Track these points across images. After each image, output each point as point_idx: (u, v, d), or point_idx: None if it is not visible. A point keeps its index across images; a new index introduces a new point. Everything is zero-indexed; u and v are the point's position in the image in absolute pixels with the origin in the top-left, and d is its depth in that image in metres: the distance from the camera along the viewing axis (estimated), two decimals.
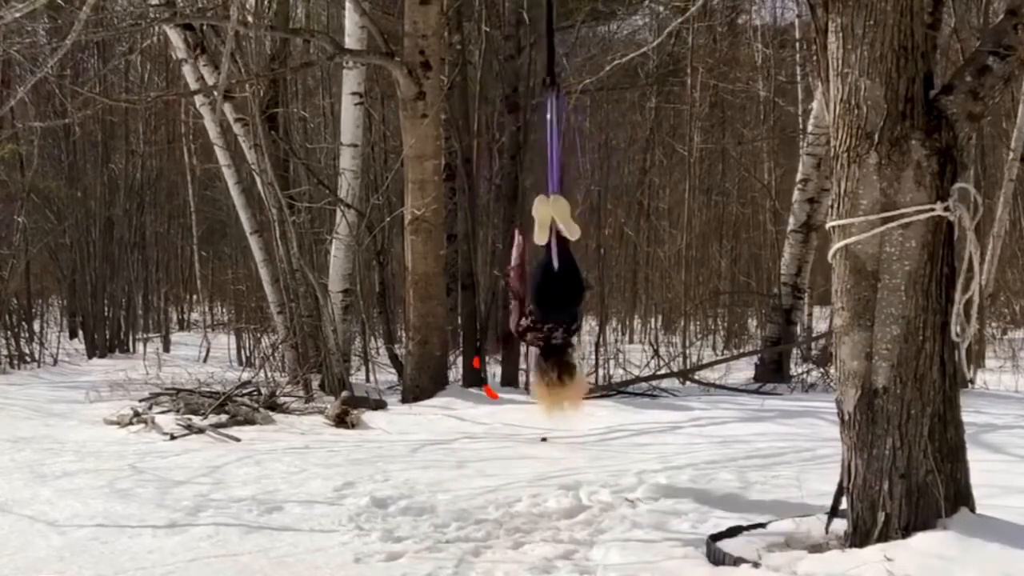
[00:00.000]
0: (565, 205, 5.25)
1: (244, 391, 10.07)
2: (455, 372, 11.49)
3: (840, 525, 4.62)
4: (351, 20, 11.18)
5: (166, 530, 5.34)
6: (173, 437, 8.27)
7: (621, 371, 12.01)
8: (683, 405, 9.67)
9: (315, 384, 10.74)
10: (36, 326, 16.12)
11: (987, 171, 14.84)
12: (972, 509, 4.36)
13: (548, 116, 5.41)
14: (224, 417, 9.04)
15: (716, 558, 4.63)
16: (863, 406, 4.35)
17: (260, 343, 14.06)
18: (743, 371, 12.55)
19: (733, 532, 4.94)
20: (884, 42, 4.24)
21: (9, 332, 14.86)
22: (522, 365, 11.78)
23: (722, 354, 15.41)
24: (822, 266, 14.96)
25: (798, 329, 13.30)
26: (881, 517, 4.29)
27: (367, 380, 11.63)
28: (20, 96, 11.38)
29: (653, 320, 19.04)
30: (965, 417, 4.48)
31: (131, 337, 17.42)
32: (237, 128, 11.52)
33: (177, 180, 19.67)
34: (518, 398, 10.34)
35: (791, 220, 12.29)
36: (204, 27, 11.31)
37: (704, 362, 13.18)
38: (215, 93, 10.46)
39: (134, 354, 16.25)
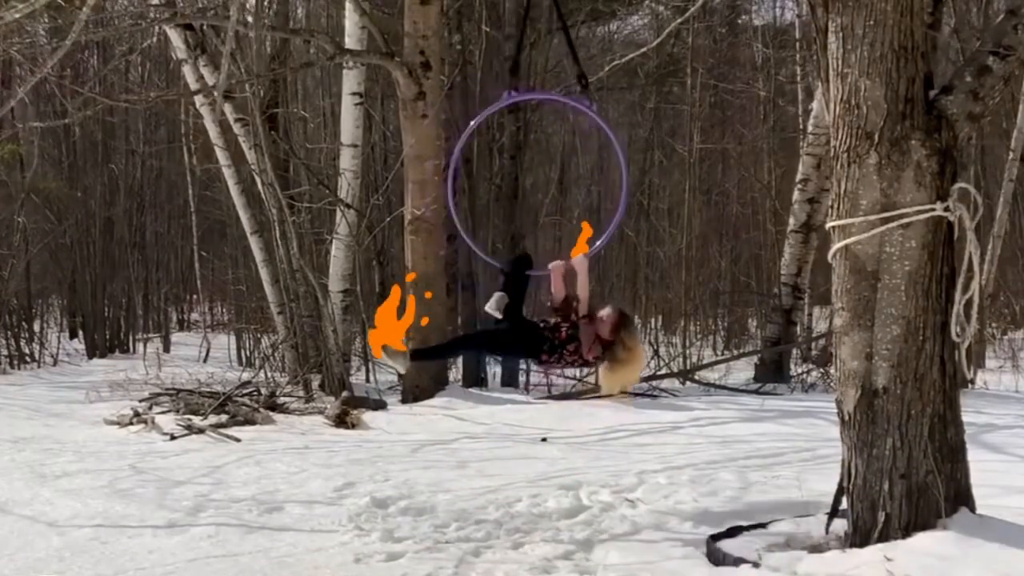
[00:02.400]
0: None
1: (244, 391, 10.06)
2: (455, 372, 11.49)
3: (840, 525, 4.62)
4: (351, 20, 11.19)
5: (166, 530, 5.33)
6: (173, 437, 8.26)
7: None
8: (683, 405, 9.67)
9: (315, 384, 10.73)
10: (36, 326, 16.11)
11: (987, 171, 14.84)
12: (972, 509, 4.36)
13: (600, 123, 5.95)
14: (224, 417, 9.03)
15: (716, 558, 4.63)
16: (863, 406, 4.35)
17: (260, 343, 14.06)
18: (743, 371, 12.56)
19: (733, 532, 4.95)
20: (884, 42, 4.24)
21: (9, 332, 14.85)
22: (522, 365, 11.78)
23: (722, 354, 15.42)
24: (822, 266, 14.95)
25: (798, 329, 13.31)
26: (881, 517, 4.29)
27: (367, 380, 11.63)
28: (20, 96, 11.38)
29: (653, 320, 19.03)
30: (965, 417, 4.48)
31: (131, 337, 17.42)
32: (237, 128, 11.52)
33: (177, 180, 19.65)
34: (518, 398, 10.36)
35: (791, 220, 12.29)
36: (204, 27, 11.31)
37: (704, 362, 13.19)
38: (215, 93, 10.46)
39: (134, 354, 16.24)
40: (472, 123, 6.06)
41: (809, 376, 11.76)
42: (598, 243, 6.08)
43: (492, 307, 5.51)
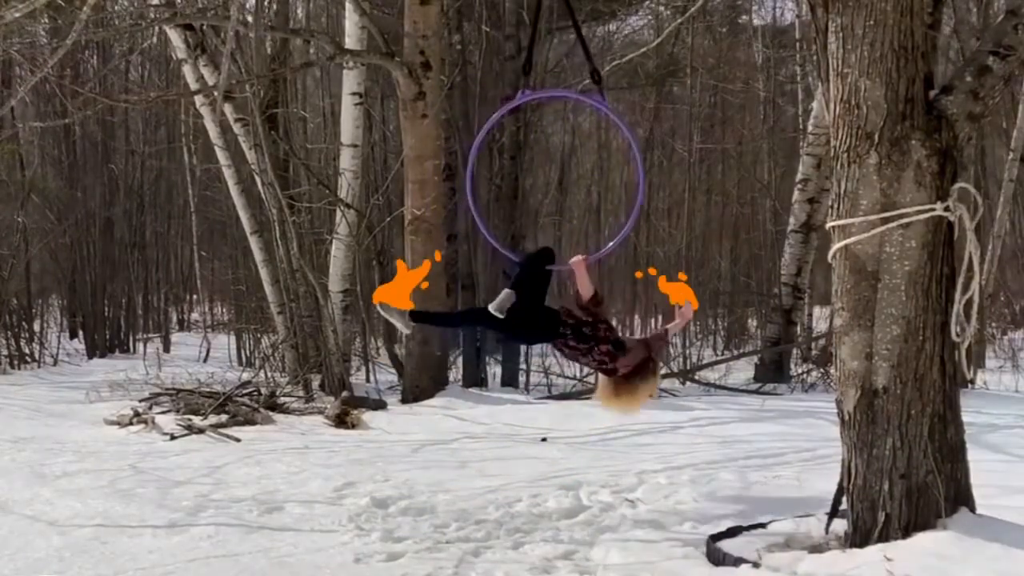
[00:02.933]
0: None
1: (244, 391, 10.06)
2: (455, 372, 11.49)
3: (840, 525, 4.63)
4: (351, 20, 11.18)
5: (166, 530, 5.34)
6: (173, 437, 8.27)
7: None
8: (683, 405, 9.67)
9: (315, 384, 10.73)
10: (36, 326, 16.09)
11: (987, 171, 14.83)
12: (972, 509, 4.36)
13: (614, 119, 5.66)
14: (224, 417, 9.04)
15: (716, 558, 4.63)
16: (863, 406, 4.35)
17: (260, 343, 14.04)
18: (743, 371, 12.55)
19: (733, 532, 4.95)
20: (884, 42, 4.24)
21: (9, 332, 14.84)
22: (522, 365, 11.78)
23: (722, 354, 15.40)
24: (822, 266, 14.92)
25: (798, 329, 13.31)
26: (881, 517, 4.29)
27: (367, 380, 11.62)
28: (20, 96, 11.37)
29: (653, 320, 19.02)
30: (965, 417, 4.48)
31: (131, 337, 17.40)
32: (237, 128, 11.51)
33: (177, 180, 19.64)
34: (518, 398, 10.36)
35: (791, 220, 12.29)
36: (204, 27, 11.30)
37: (704, 362, 13.17)
38: (215, 93, 10.45)
39: (134, 354, 16.23)
40: (487, 123, 5.95)
41: (809, 376, 11.75)
42: (613, 242, 6.01)
43: (495, 307, 5.15)
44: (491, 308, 5.17)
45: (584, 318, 5.19)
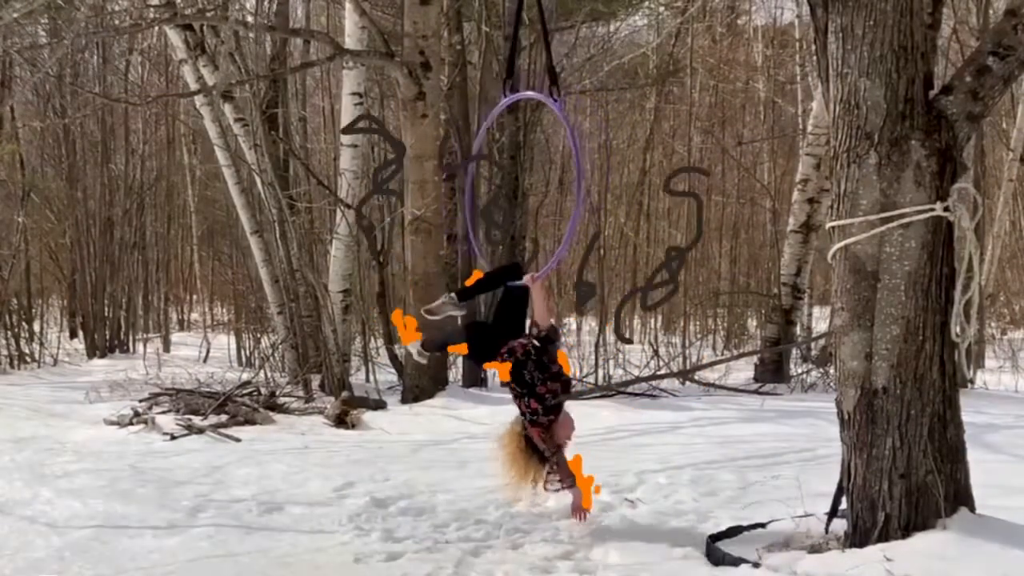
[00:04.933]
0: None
1: (244, 391, 10.06)
2: (455, 372, 11.48)
3: (840, 525, 4.63)
4: (351, 20, 11.18)
5: (166, 530, 5.34)
6: (173, 437, 8.27)
7: (621, 371, 12.01)
8: (683, 405, 9.67)
9: (315, 384, 10.74)
10: (36, 326, 16.10)
11: (987, 171, 14.84)
12: (972, 509, 4.36)
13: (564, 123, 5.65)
14: (224, 417, 9.04)
15: (716, 558, 4.63)
16: (863, 406, 4.35)
17: (260, 343, 14.05)
18: (743, 371, 12.54)
19: (733, 532, 4.95)
20: (884, 42, 4.25)
21: (9, 332, 14.85)
22: None
23: (722, 354, 15.39)
24: (822, 266, 14.94)
25: (798, 329, 13.30)
26: (881, 517, 4.30)
27: (367, 380, 11.62)
28: (19, 94, 11.38)
29: (653, 320, 19.03)
30: (965, 417, 4.48)
31: (131, 337, 17.40)
32: (237, 128, 11.51)
33: (177, 180, 19.65)
34: None
35: (791, 220, 12.29)
36: (204, 27, 11.30)
37: (704, 362, 13.16)
38: (214, 93, 10.45)
39: (134, 354, 16.23)
40: (481, 129, 6.03)
41: (809, 376, 11.75)
42: (560, 248, 6.00)
43: (425, 309, 5.27)
44: (422, 310, 5.31)
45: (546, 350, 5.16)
